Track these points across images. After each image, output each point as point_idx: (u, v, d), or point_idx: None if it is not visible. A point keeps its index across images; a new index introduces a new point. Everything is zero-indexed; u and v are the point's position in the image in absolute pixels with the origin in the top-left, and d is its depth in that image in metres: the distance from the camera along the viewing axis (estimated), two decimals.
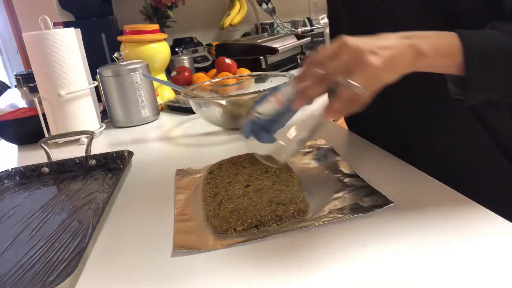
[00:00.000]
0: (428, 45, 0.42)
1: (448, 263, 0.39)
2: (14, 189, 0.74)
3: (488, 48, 0.42)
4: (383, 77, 0.42)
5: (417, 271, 0.39)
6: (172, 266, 0.45)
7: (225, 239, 0.48)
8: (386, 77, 0.42)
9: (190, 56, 1.51)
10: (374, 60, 0.40)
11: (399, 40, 0.42)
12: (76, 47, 0.98)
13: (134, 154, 0.77)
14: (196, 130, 0.97)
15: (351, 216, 0.49)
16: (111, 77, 1.03)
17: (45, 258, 0.49)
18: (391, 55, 0.41)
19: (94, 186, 0.70)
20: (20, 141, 1.02)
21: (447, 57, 0.43)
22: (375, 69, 0.40)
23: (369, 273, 0.39)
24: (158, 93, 1.21)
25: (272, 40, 1.55)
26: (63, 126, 0.96)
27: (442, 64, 0.43)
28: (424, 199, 0.51)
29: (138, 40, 1.22)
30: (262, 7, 1.72)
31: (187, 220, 0.53)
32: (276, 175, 0.60)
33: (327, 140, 0.75)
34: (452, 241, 0.43)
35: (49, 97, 0.94)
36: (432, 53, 0.42)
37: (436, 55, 0.42)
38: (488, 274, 0.37)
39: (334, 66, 0.42)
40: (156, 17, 1.57)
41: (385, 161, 0.64)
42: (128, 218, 0.57)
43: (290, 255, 0.44)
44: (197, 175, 0.67)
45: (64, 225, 0.57)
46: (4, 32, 3.00)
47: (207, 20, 1.88)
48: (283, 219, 0.49)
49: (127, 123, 1.07)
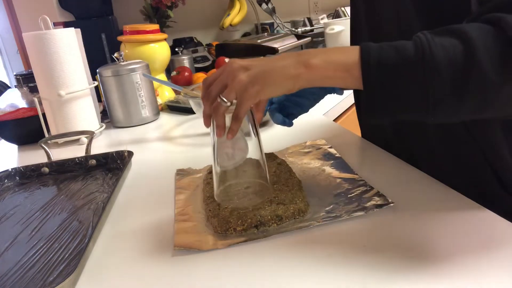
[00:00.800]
0: (320, 59, 0.45)
1: (448, 263, 0.39)
2: (14, 189, 0.74)
3: (388, 58, 0.42)
4: (258, 90, 0.45)
5: (417, 271, 0.39)
6: (172, 266, 0.45)
7: (225, 239, 0.48)
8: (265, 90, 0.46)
9: (190, 56, 1.51)
10: (242, 76, 0.45)
11: (292, 58, 0.46)
12: (76, 47, 0.98)
13: (134, 154, 0.77)
14: (196, 130, 0.97)
15: (351, 216, 0.49)
16: (111, 77, 1.03)
17: (45, 258, 0.49)
18: (263, 70, 0.46)
19: (94, 186, 0.70)
20: (20, 141, 1.02)
21: (341, 70, 0.45)
22: (241, 82, 0.45)
23: (369, 273, 0.39)
24: (158, 93, 1.21)
25: (272, 40, 1.55)
26: (63, 126, 0.96)
27: (336, 76, 0.45)
28: (424, 199, 0.51)
29: (138, 40, 1.22)
30: (262, 7, 1.72)
31: (187, 220, 0.53)
32: (276, 175, 0.60)
33: (327, 140, 0.75)
34: (452, 241, 0.43)
35: (49, 97, 0.94)
36: (323, 65, 0.45)
37: (328, 67, 0.45)
38: (488, 274, 0.37)
39: (215, 84, 0.48)
40: (156, 17, 1.57)
41: (385, 161, 0.64)
42: (128, 218, 0.57)
43: (290, 255, 0.44)
44: (197, 175, 0.67)
45: (64, 225, 0.57)
46: (4, 32, 3.00)
47: (207, 20, 1.88)
48: (283, 219, 0.49)
49: (127, 123, 1.07)
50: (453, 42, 0.41)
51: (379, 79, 0.43)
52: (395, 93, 0.43)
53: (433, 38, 0.42)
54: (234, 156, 0.51)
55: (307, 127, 0.88)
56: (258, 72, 0.46)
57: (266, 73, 0.46)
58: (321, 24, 1.94)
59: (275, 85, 0.46)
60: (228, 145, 0.50)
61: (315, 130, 0.85)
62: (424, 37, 0.42)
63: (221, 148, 0.51)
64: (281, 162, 0.65)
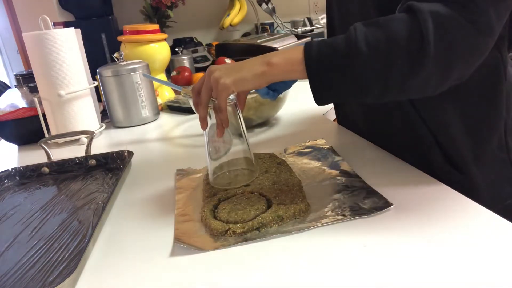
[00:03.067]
0: (280, 57, 0.53)
1: (448, 263, 0.39)
2: (14, 189, 0.74)
3: (323, 53, 0.50)
4: (231, 82, 0.53)
5: (417, 271, 0.39)
6: (172, 266, 0.45)
7: (225, 239, 0.48)
8: (237, 84, 0.53)
9: (190, 56, 1.51)
10: (217, 74, 0.54)
11: (259, 59, 0.54)
12: (76, 47, 0.98)
13: (134, 154, 0.77)
14: (196, 130, 0.97)
15: (351, 217, 0.49)
16: (111, 77, 1.03)
17: (45, 258, 0.49)
18: (235, 68, 0.54)
19: (94, 186, 0.70)
20: (20, 141, 1.02)
21: (295, 64, 0.52)
22: (216, 78, 0.53)
23: (370, 273, 0.39)
24: (158, 93, 1.21)
25: (272, 40, 1.55)
26: (63, 126, 0.96)
27: (294, 69, 0.52)
28: (424, 200, 0.51)
29: (138, 40, 1.22)
30: (262, 7, 1.72)
31: (187, 220, 0.53)
32: (276, 175, 0.60)
33: (327, 140, 0.75)
34: (452, 241, 0.43)
35: (49, 97, 0.94)
36: (282, 62, 0.52)
37: (286, 63, 0.52)
38: (488, 274, 0.37)
39: (203, 91, 0.55)
40: (156, 17, 1.57)
41: (385, 161, 0.64)
42: (128, 218, 0.57)
43: (290, 256, 0.44)
44: (197, 175, 0.67)
45: (64, 225, 0.57)
46: (4, 32, 3.00)
47: (207, 20, 1.88)
48: (285, 219, 0.49)
49: (127, 123, 1.07)
50: (377, 33, 0.48)
51: (317, 70, 0.50)
52: (331, 81, 0.50)
53: (361, 29, 0.49)
54: (220, 148, 0.59)
55: (307, 127, 0.88)
56: (231, 68, 0.54)
57: (237, 69, 0.54)
58: (321, 24, 1.94)
59: (246, 79, 0.53)
60: (215, 139, 0.57)
61: (315, 130, 0.85)
62: (353, 30, 0.49)
63: (211, 142, 0.58)
64: (281, 162, 0.65)
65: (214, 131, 0.56)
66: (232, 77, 0.53)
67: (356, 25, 0.49)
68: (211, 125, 0.57)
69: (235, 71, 0.54)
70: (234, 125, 0.58)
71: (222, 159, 0.60)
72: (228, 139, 0.58)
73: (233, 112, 0.58)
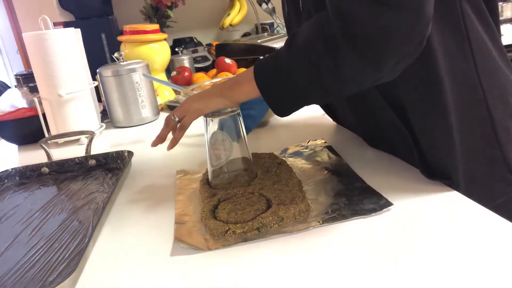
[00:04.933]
0: (237, 80, 0.57)
1: (448, 263, 0.39)
2: (14, 189, 0.74)
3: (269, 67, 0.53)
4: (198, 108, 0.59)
5: (417, 271, 0.39)
6: (172, 265, 0.45)
7: (225, 239, 0.48)
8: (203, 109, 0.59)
9: (190, 56, 1.51)
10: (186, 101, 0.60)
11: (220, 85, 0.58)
12: (76, 47, 0.98)
13: (134, 154, 0.77)
14: (196, 130, 0.96)
15: (351, 217, 0.49)
16: (111, 77, 1.03)
17: (45, 258, 0.49)
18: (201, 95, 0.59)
19: (94, 186, 0.70)
20: (20, 141, 1.02)
21: (252, 85, 0.54)
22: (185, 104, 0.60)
23: (370, 274, 0.39)
24: (158, 93, 1.21)
25: (272, 40, 1.55)
26: (63, 126, 0.96)
27: (251, 90, 0.54)
28: (424, 200, 0.51)
29: (138, 40, 1.22)
30: (262, 7, 1.72)
31: (188, 221, 0.53)
32: (277, 175, 0.60)
33: (327, 140, 0.75)
34: (452, 241, 0.43)
35: (49, 97, 0.94)
36: (245, 80, 0.55)
37: (248, 82, 0.54)
38: (488, 274, 0.37)
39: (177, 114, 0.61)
40: (156, 17, 1.57)
41: (385, 161, 0.64)
42: (128, 218, 0.57)
43: (290, 256, 0.44)
44: (197, 175, 0.67)
45: (64, 225, 0.57)
46: (4, 32, 3.00)
47: (207, 20, 1.88)
48: (285, 219, 0.49)
49: (127, 123, 1.07)
50: (299, 38, 0.50)
51: (266, 85, 0.53)
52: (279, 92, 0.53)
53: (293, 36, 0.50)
54: (221, 155, 0.60)
55: (307, 127, 0.88)
56: (197, 96, 0.60)
57: (203, 96, 0.59)
58: None
59: (210, 105, 0.58)
60: (216, 147, 0.60)
61: (315, 130, 0.85)
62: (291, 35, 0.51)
63: (212, 149, 0.60)
64: (281, 162, 0.65)
65: (215, 139, 0.59)
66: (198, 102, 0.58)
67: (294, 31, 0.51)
68: (213, 133, 0.59)
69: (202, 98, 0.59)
70: (235, 129, 0.60)
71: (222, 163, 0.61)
72: (229, 146, 0.60)
73: (235, 120, 0.59)
